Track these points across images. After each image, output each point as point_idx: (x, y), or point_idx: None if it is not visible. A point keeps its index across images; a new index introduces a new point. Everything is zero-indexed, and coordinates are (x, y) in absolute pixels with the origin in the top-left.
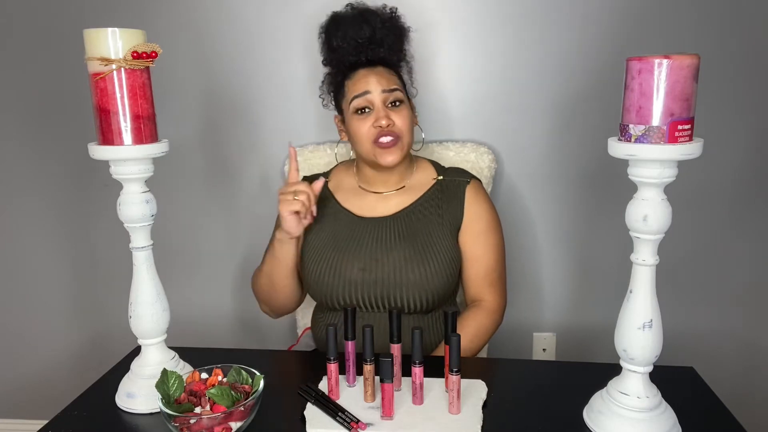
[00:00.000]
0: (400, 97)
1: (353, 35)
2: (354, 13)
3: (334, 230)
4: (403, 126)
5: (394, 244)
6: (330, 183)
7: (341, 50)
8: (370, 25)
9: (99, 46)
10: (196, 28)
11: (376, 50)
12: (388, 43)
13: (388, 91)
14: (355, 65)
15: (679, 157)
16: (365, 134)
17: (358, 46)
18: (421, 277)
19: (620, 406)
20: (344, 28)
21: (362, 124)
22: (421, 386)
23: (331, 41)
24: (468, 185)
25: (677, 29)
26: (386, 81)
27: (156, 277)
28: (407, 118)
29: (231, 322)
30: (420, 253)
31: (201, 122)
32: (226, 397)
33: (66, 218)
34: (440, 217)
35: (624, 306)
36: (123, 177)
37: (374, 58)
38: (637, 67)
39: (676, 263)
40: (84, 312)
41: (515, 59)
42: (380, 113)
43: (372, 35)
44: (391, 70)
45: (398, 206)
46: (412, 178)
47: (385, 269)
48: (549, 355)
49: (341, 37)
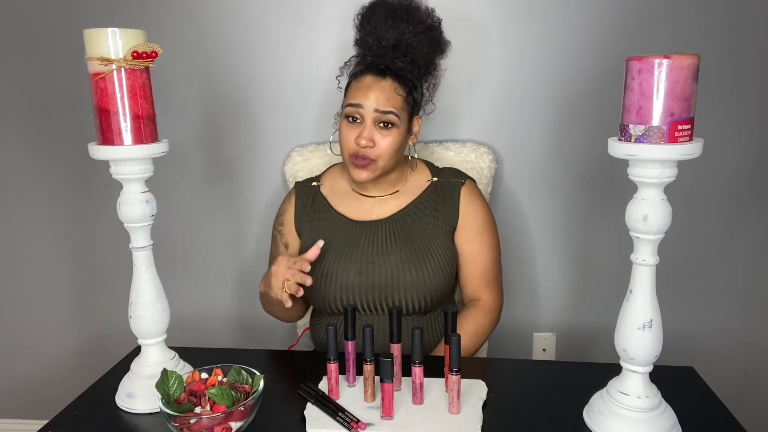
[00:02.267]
0: (392, 120)
1: (379, 35)
2: (392, 10)
3: (329, 236)
4: (384, 150)
5: (390, 246)
6: (323, 187)
7: (365, 44)
8: (399, 31)
9: (99, 46)
10: (196, 28)
11: (395, 60)
12: (412, 56)
13: (381, 113)
14: (369, 67)
15: (679, 157)
16: (347, 143)
17: (380, 48)
18: (419, 278)
19: (620, 406)
20: (376, 22)
21: (349, 132)
22: (421, 386)
23: (361, 29)
24: (463, 186)
25: (677, 29)
26: (385, 100)
27: (156, 277)
28: (393, 143)
29: (231, 322)
30: (416, 255)
31: (201, 122)
32: (226, 397)
33: (66, 218)
34: (435, 218)
35: (624, 306)
36: (123, 177)
37: (392, 67)
38: (637, 67)
39: (676, 263)
40: (84, 312)
41: (515, 59)
42: (365, 132)
43: (397, 43)
44: (402, 85)
45: (393, 209)
46: (407, 181)
47: (382, 272)
48: (549, 355)
49: (369, 32)
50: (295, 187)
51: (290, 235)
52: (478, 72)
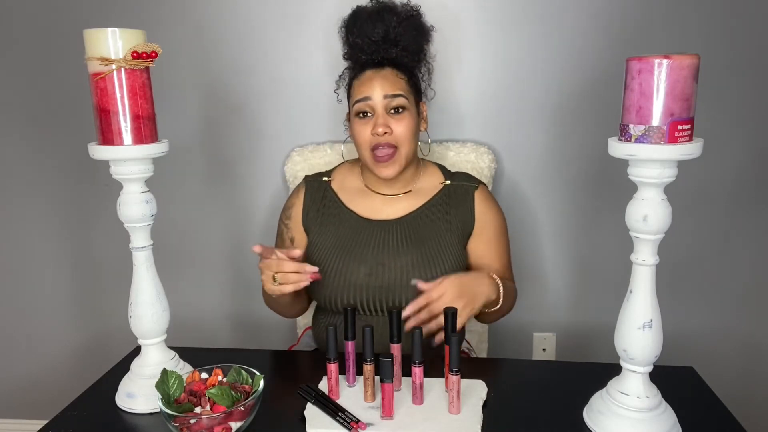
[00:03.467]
0: (402, 104)
1: (367, 33)
2: (372, 10)
3: (339, 232)
4: (402, 134)
5: (401, 248)
6: (333, 182)
7: (356, 47)
8: (385, 24)
9: (99, 46)
10: (196, 28)
11: (388, 50)
12: (403, 43)
13: (390, 97)
14: (365, 65)
15: (679, 157)
16: (365, 140)
17: (371, 44)
18: (428, 282)
19: (620, 406)
20: (360, 24)
21: (362, 128)
22: (421, 386)
23: (348, 37)
24: (476, 191)
25: (677, 29)
26: (390, 85)
27: (156, 277)
28: (408, 126)
29: (231, 322)
30: (427, 259)
31: (201, 122)
32: (226, 397)
33: (66, 218)
34: (448, 222)
35: (624, 306)
36: (123, 177)
37: (387, 58)
38: (637, 67)
39: (676, 263)
40: (84, 312)
41: (515, 59)
42: (379, 120)
43: (386, 34)
44: (402, 72)
45: (405, 210)
46: (419, 182)
47: (392, 274)
48: (549, 355)
49: (357, 34)
50: (305, 181)
51: (297, 229)
52: (477, 72)
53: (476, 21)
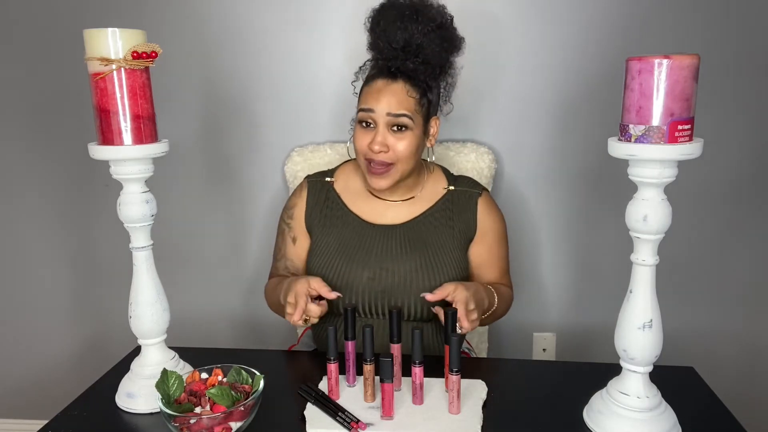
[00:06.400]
0: (405, 123)
1: (390, 37)
2: (400, 12)
3: (342, 235)
4: (401, 153)
5: (403, 253)
6: (336, 183)
7: (377, 48)
8: (408, 32)
9: (99, 46)
10: (196, 28)
11: (406, 61)
12: (425, 56)
13: (393, 116)
14: (381, 70)
15: (679, 157)
16: (362, 149)
17: (391, 51)
18: (430, 287)
19: (620, 406)
20: (385, 24)
21: (362, 137)
22: (421, 386)
23: (371, 33)
24: (480, 197)
25: (677, 29)
26: (397, 103)
27: (156, 277)
28: (409, 146)
29: (231, 322)
30: (430, 264)
31: (201, 122)
32: (226, 397)
33: (66, 218)
34: (451, 228)
35: (624, 306)
36: (123, 177)
37: (403, 69)
38: (637, 67)
39: (676, 263)
40: (84, 312)
41: (515, 59)
42: (377, 137)
43: (407, 44)
44: (415, 88)
45: (408, 215)
46: (423, 188)
47: (394, 279)
48: (549, 355)
49: (380, 35)
50: (307, 181)
51: (299, 230)
52: (477, 72)
53: (476, 21)
